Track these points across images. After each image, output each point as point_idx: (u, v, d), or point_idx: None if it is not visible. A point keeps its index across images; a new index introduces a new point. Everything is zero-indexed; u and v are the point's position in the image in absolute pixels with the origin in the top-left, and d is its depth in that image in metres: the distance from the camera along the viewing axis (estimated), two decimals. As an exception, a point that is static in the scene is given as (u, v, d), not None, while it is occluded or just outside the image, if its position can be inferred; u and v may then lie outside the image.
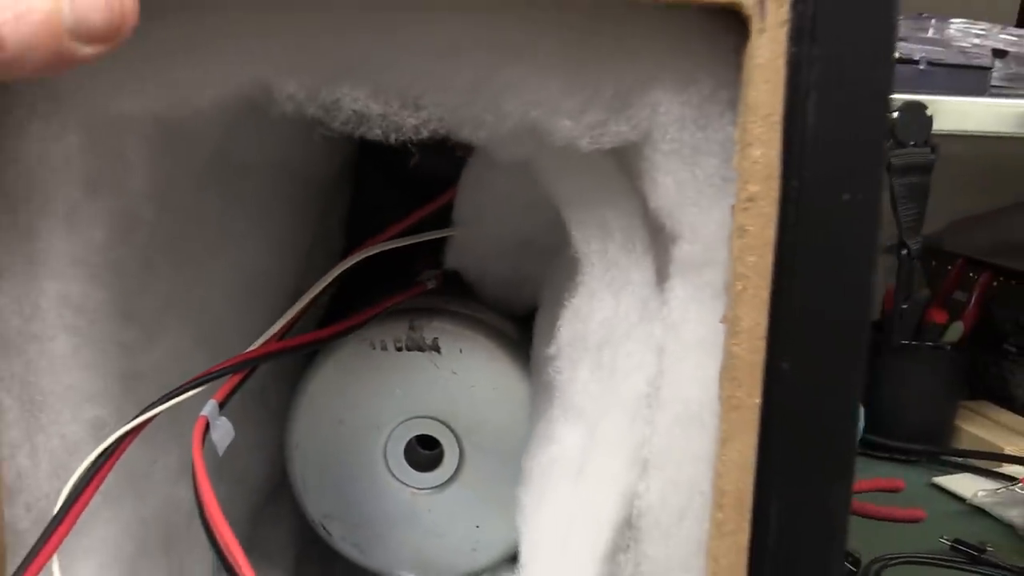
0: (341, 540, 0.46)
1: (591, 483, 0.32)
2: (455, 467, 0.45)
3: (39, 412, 0.30)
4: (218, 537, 0.29)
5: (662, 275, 0.32)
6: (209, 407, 0.32)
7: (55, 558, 0.28)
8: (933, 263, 0.96)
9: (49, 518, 0.28)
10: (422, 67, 0.29)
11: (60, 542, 0.28)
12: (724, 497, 0.28)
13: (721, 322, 0.29)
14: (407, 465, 0.45)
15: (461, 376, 0.44)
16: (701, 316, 0.30)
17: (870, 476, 0.80)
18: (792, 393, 0.28)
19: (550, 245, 0.40)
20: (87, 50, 0.24)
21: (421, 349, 0.44)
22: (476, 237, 0.43)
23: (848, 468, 0.28)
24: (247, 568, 0.28)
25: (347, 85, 0.29)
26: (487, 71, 0.29)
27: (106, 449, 0.30)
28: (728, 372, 0.28)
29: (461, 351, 0.44)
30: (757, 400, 0.28)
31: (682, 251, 0.30)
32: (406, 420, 0.44)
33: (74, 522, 0.29)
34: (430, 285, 0.46)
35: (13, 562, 0.30)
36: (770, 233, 0.27)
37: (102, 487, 0.29)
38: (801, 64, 0.26)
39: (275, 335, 0.36)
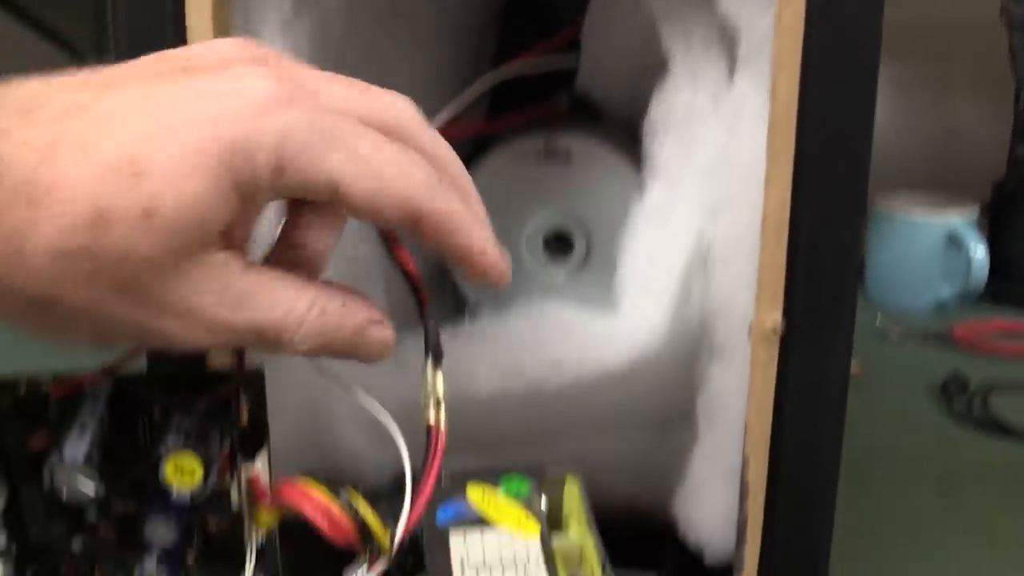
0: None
1: (673, 226, 0.43)
2: (584, 259, 0.55)
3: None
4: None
5: (731, 69, 0.41)
6: None
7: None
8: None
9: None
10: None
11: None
12: (766, 223, 0.38)
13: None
14: (544, 258, 0.56)
15: (589, 181, 0.54)
16: (757, 98, 0.39)
17: (994, 319, 0.87)
18: (816, 142, 0.37)
19: (661, 64, 0.50)
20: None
21: (557, 156, 0.54)
22: (602, 61, 0.53)
23: (860, 203, 0.37)
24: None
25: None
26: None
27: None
28: (770, 130, 0.37)
29: (589, 160, 0.54)
30: (791, 149, 0.37)
31: (743, 48, 0.39)
32: (543, 218, 0.55)
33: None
34: (564, 104, 0.56)
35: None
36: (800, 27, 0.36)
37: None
38: None
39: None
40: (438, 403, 0.34)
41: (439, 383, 0.34)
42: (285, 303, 0.31)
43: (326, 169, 0.29)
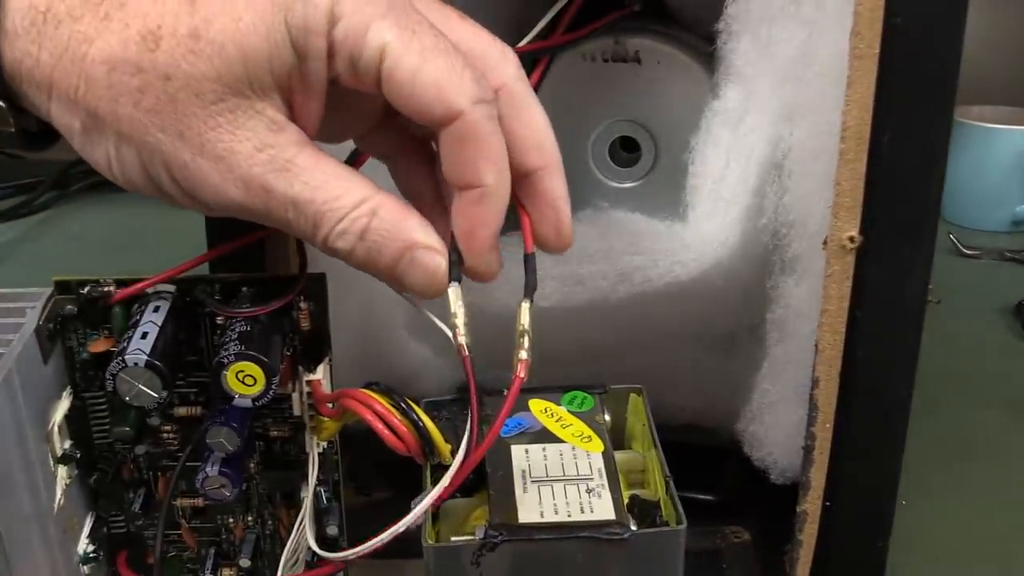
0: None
1: (746, 131, 0.41)
2: (651, 165, 0.54)
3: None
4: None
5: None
6: None
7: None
8: None
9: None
10: None
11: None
12: (846, 131, 0.36)
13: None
14: (611, 162, 0.55)
15: (658, 84, 0.52)
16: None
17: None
18: (904, 43, 0.34)
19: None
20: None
21: (624, 60, 0.52)
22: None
23: (948, 108, 0.35)
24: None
25: None
26: None
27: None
28: (854, 28, 0.35)
29: (659, 62, 0.52)
30: (876, 50, 0.35)
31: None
32: (610, 122, 0.54)
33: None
34: (636, 7, 0.53)
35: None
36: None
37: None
38: None
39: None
40: (524, 335, 0.33)
41: (527, 317, 0.33)
42: (333, 189, 0.31)
43: (376, 30, 0.29)
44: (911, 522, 0.45)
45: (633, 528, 0.34)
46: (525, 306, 0.33)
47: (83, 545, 0.40)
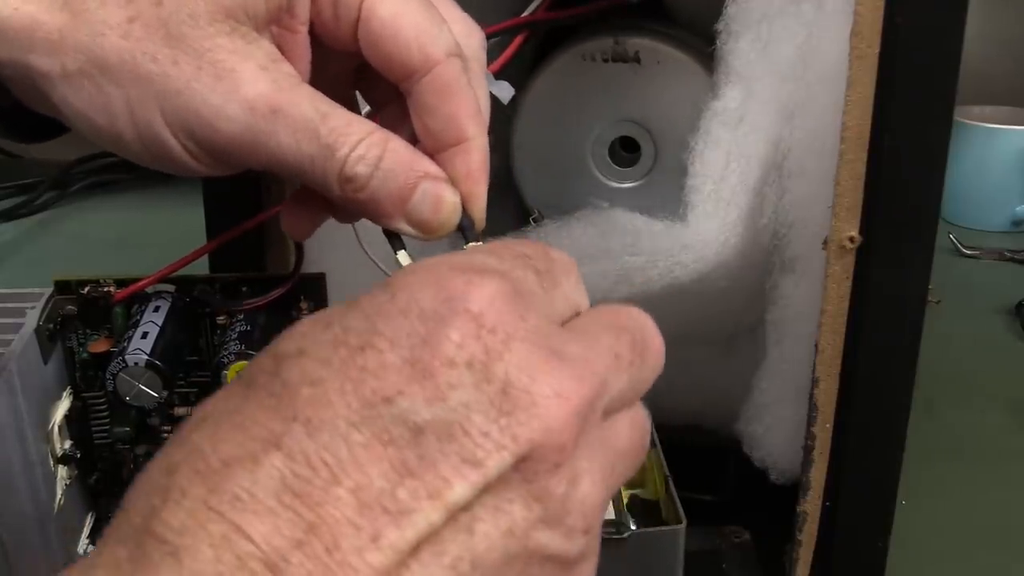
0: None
1: (747, 131, 0.41)
2: (651, 165, 0.54)
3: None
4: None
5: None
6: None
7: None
8: None
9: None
10: None
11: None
12: (846, 131, 0.36)
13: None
14: (610, 162, 0.55)
15: (658, 84, 0.52)
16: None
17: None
18: (904, 43, 0.34)
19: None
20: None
21: (624, 60, 0.52)
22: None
23: (948, 108, 0.35)
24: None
25: None
26: None
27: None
28: (854, 28, 0.35)
29: (659, 62, 0.52)
30: (876, 50, 0.35)
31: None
32: (610, 122, 0.54)
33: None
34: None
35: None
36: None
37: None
38: None
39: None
40: None
41: None
42: (344, 115, 0.30)
43: None
44: (911, 522, 0.45)
45: (633, 527, 0.34)
46: None
47: (83, 545, 0.40)
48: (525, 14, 0.45)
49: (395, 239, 0.31)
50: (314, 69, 0.32)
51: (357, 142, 0.29)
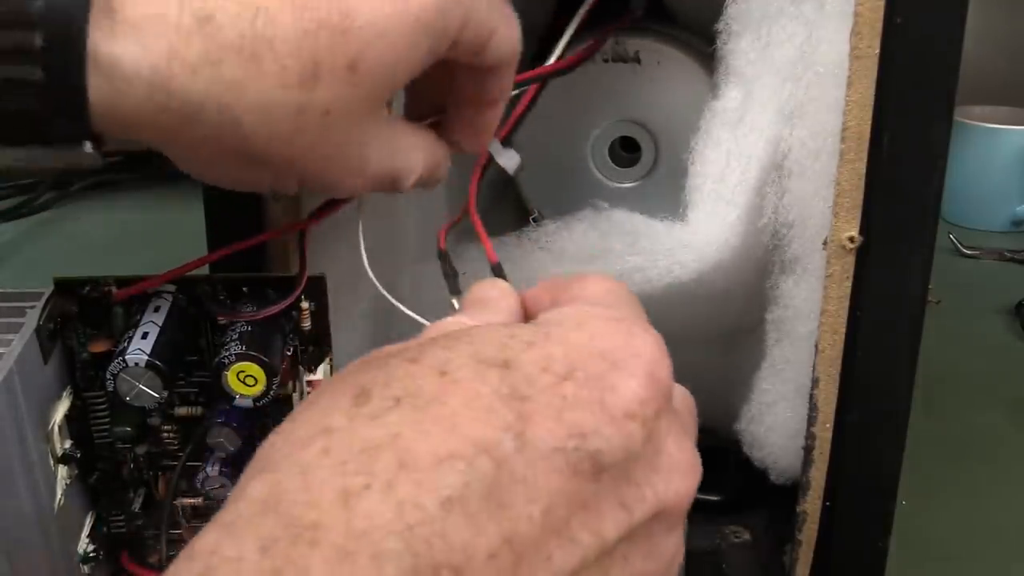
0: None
1: (746, 131, 0.41)
2: (651, 165, 0.54)
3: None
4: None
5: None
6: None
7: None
8: None
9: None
10: None
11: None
12: (846, 131, 0.36)
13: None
14: (610, 162, 0.55)
15: (658, 84, 0.52)
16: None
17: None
18: (904, 43, 0.34)
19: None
20: None
21: (624, 60, 0.52)
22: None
23: (947, 109, 0.35)
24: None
25: None
26: None
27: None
28: (854, 28, 0.35)
29: (659, 62, 0.52)
30: (876, 50, 0.35)
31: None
32: (610, 122, 0.54)
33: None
34: (639, 12, 0.54)
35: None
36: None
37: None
38: None
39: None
40: None
41: None
42: (414, 151, 0.34)
43: (492, 19, 0.33)
44: (911, 522, 0.45)
45: (633, 528, 0.33)
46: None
47: (83, 545, 0.40)
48: (549, 63, 0.45)
49: (452, 281, 0.35)
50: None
51: (412, 174, 0.34)
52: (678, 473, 0.26)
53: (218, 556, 0.20)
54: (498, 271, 0.36)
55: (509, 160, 0.44)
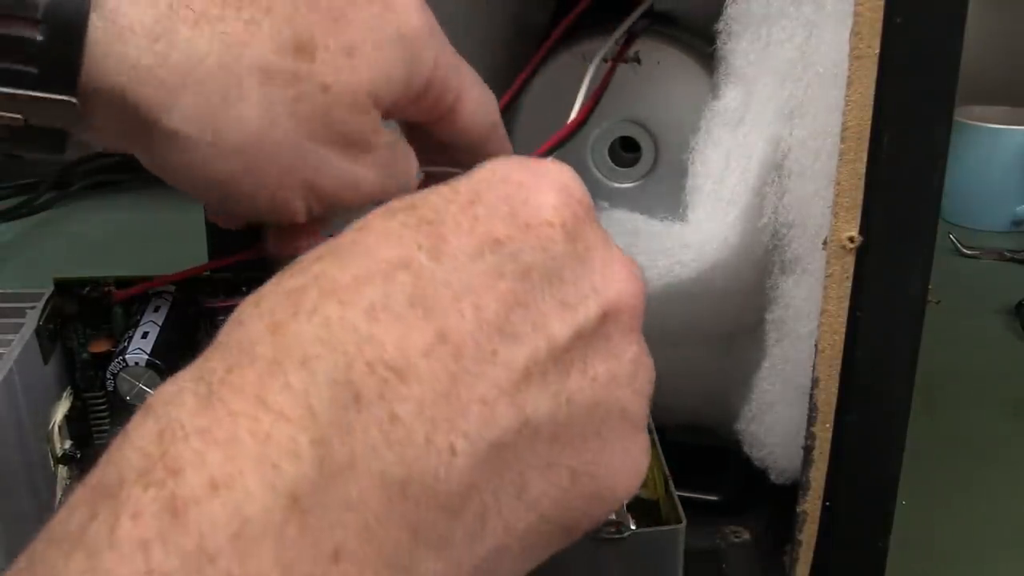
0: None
1: (746, 131, 0.41)
2: (651, 165, 0.54)
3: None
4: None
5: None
6: None
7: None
8: None
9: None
10: None
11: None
12: (846, 131, 0.36)
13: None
14: (610, 162, 0.55)
15: (658, 84, 0.52)
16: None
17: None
18: (904, 43, 0.34)
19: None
20: None
21: (625, 61, 0.52)
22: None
23: (947, 109, 0.35)
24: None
25: None
26: None
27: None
28: (854, 28, 0.35)
29: (659, 62, 0.52)
30: (876, 50, 0.35)
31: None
32: (610, 123, 0.53)
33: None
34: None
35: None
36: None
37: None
38: None
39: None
40: None
41: None
42: (412, 168, 0.36)
43: (463, 73, 0.36)
44: (911, 522, 0.45)
45: (632, 527, 0.33)
46: None
47: (83, 545, 0.40)
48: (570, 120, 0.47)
49: None
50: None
51: (409, 188, 0.36)
52: (617, 275, 0.26)
53: (158, 394, 0.21)
54: None
55: None
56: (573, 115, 0.48)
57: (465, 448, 0.22)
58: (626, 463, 0.27)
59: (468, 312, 0.22)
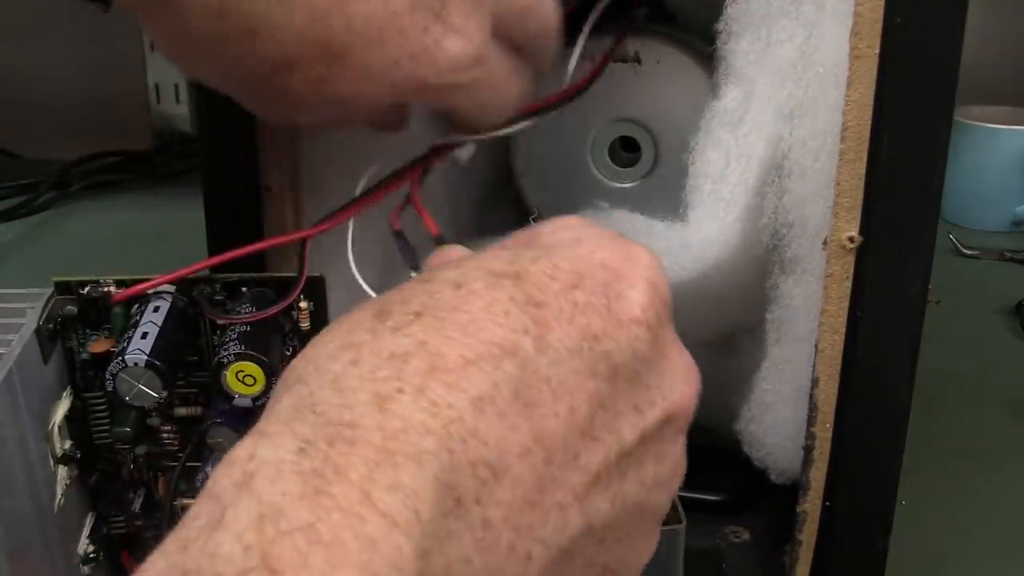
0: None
1: (746, 131, 0.41)
2: (651, 165, 0.54)
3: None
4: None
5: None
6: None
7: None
8: None
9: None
10: None
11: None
12: (846, 131, 0.36)
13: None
14: (610, 162, 0.55)
15: (658, 84, 0.52)
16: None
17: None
18: (904, 43, 0.34)
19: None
20: None
21: (624, 60, 0.52)
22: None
23: (947, 109, 0.35)
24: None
25: None
26: None
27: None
28: (854, 28, 0.35)
29: (659, 62, 0.52)
30: (876, 50, 0.35)
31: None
32: (610, 122, 0.54)
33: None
34: (642, 16, 0.53)
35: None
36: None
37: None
38: None
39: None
40: None
41: None
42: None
43: None
44: (911, 522, 0.45)
45: (633, 528, 0.33)
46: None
47: (83, 545, 0.40)
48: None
49: (412, 257, 0.36)
50: None
51: None
52: (681, 378, 0.27)
53: (256, 461, 0.20)
54: (441, 243, 0.36)
55: (464, 150, 0.43)
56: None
57: (540, 555, 0.22)
58: (644, 555, 0.28)
59: (563, 413, 0.23)
